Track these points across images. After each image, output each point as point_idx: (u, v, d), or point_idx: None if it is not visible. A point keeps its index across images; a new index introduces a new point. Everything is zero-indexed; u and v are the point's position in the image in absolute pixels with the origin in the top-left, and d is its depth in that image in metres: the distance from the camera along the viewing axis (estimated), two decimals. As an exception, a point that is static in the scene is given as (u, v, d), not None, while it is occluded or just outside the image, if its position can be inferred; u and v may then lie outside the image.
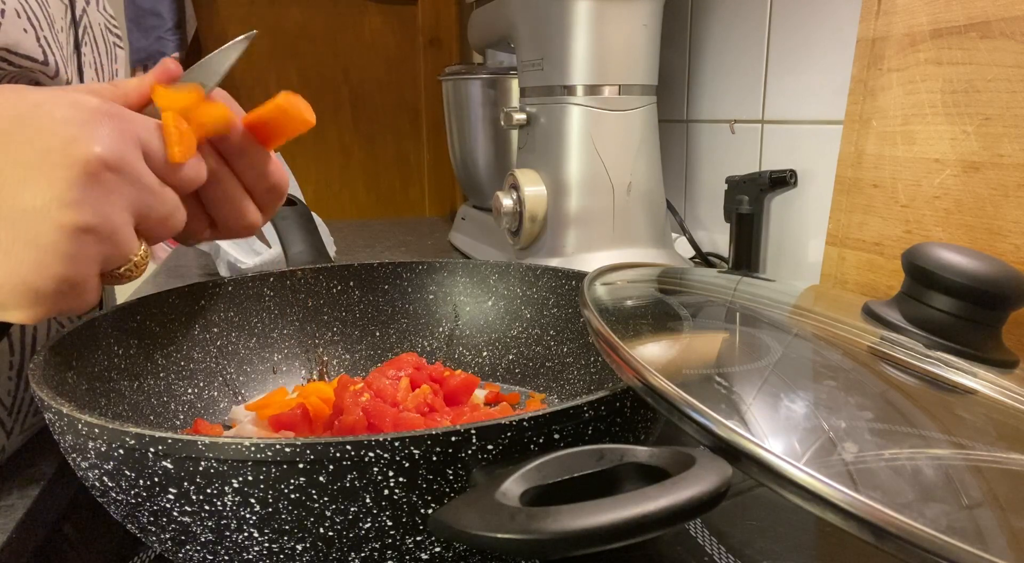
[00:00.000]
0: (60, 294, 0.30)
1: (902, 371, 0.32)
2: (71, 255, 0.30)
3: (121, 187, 0.31)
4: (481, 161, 1.06)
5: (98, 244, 0.31)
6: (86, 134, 0.30)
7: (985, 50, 0.45)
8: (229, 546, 0.28)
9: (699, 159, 0.91)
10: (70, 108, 0.30)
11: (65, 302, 0.31)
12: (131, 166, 0.31)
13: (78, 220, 0.29)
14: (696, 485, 0.23)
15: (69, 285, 0.30)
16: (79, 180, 0.29)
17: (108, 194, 0.30)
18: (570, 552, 0.21)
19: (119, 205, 0.31)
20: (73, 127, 0.30)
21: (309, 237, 0.61)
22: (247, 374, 0.52)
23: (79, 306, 0.32)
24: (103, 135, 0.30)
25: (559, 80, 0.74)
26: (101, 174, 0.30)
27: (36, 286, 0.30)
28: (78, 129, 0.30)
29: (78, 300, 0.31)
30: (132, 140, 0.32)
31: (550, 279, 0.55)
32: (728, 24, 0.83)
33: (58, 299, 0.31)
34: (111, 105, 0.32)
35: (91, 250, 0.30)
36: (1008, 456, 0.28)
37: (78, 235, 0.30)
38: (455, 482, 0.28)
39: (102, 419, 0.28)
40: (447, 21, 1.69)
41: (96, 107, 0.31)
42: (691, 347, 0.35)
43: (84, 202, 0.29)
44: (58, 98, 0.31)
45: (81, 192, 0.29)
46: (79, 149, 0.29)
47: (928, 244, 0.36)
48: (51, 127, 0.29)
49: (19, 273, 0.29)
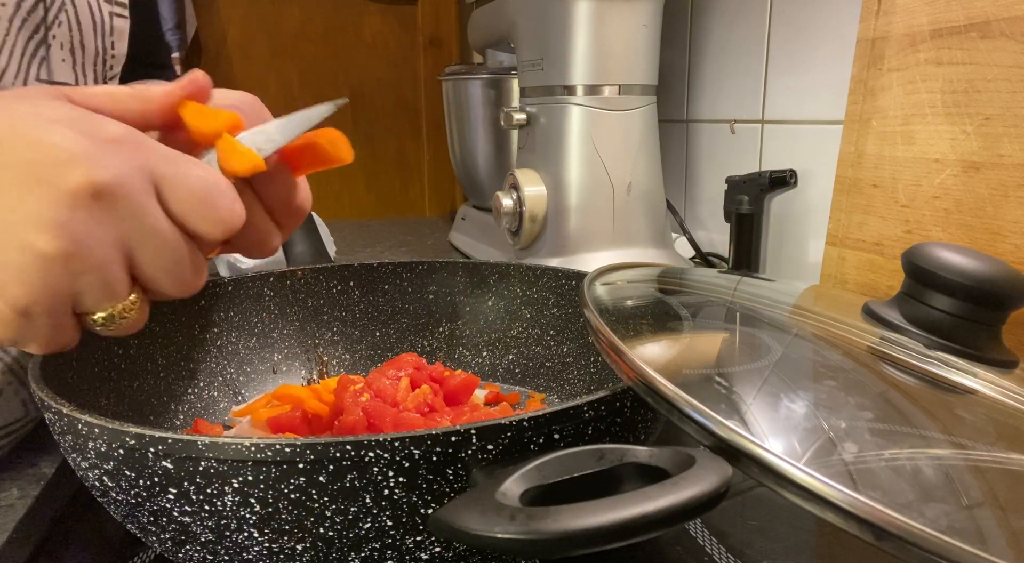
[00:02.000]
0: (16, 324, 0.27)
1: (902, 371, 0.32)
2: (35, 283, 0.26)
3: (115, 218, 0.27)
4: (481, 161, 1.06)
5: (70, 276, 0.27)
6: (87, 157, 0.27)
7: (985, 50, 0.45)
8: (229, 546, 0.28)
9: (699, 159, 0.91)
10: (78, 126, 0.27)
11: (24, 334, 0.28)
12: (132, 199, 0.28)
13: (51, 246, 0.26)
14: (696, 485, 0.23)
15: (28, 317, 0.27)
16: (64, 201, 0.26)
17: (95, 222, 0.27)
18: (570, 552, 0.21)
19: (105, 237, 0.27)
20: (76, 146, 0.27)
21: (309, 237, 0.61)
22: (247, 374, 0.52)
23: (43, 343, 0.28)
24: (108, 160, 0.27)
25: (559, 80, 0.74)
26: (93, 201, 0.27)
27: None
28: (80, 149, 0.27)
29: (40, 336, 0.28)
30: (144, 171, 0.28)
31: (550, 279, 0.55)
32: (728, 24, 0.83)
33: (14, 330, 0.27)
34: (131, 132, 0.29)
35: (60, 282, 0.27)
36: (1008, 456, 0.28)
37: (47, 262, 0.26)
38: (455, 482, 0.28)
39: (102, 419, 0.28)
40: (447, 21, 1.69)
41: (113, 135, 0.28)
42: (691, 347, 0.35)
43: (63, 226, 0.26)
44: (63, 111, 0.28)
45: (63, 214, 0.26)
46: (73, 170, 0.26)
47: (928, 244, 0.36)
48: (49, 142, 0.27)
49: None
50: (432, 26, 1.70)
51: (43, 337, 0.28)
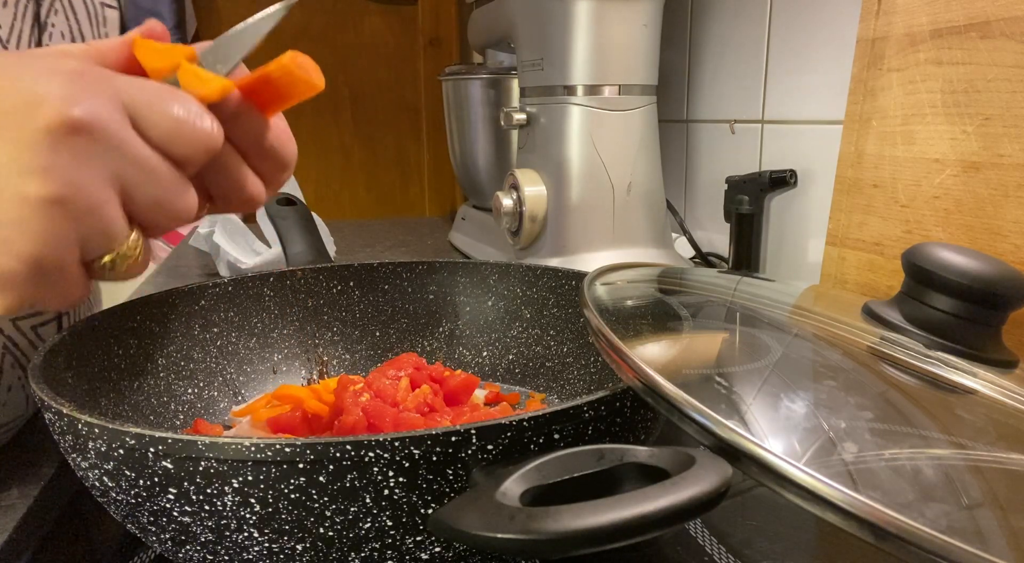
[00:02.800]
0: (33, 280, 0.26)
1: (902, 371, 0.32)
2: (39, 232, 0.26)
3: (99, 154, 0.26)
4: (481, 161, 1.06)
5: (72, 221, 0.26)
6: (55, 93, 0.26)
7: (985, 50, 0.45)
8: (229, 546, 0.28)
9: (699, 159, 0.91)
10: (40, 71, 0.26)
11: (41, 290, 0.27)
12: (111, 130, 0.27)
13: (44, 190, 0.25)
14: (696, 485, 0.23)
15: (41, 269, 0.26)
16: (43, 143, 0.25)
17: (81, 161, 0.26)
18: (570, 552, 0.21)
19: (97, 176, 0.26)
20: (40, 86, 0.26)
21: (309, 237, 0.61)
22: (247, 374, 0.52)
23: (60, 298, 0.28)
24: (79, 94, 0.26)
25: (559, 80, 0.74)
26: (70, 138, 0.26)
27: (3, 269, 0.26)
28: (45, 89, 0.26)
29: (57, 290, 0.27)
30: (114, 102, 0.27)
31: (550, 279, 0.55)
32: (728, 24, 0.83)
33: (32, 286, 0.27)
34: (90, 65, 0.28)
35: (64, 227, 0.26)
36: (1008, 456, 0.28)
37: (46, 208, 0.25)
38: (455, 482, 0.28)
39: (102, 419, 0.28)
40: (447, 21, 1.69)
41: (72, 68, 0.27)
42: (691, 347, 0.35)
43: (51, 169, 0.25)
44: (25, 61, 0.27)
45: (47, 157, 0.25)
46: (44, 109, 0.25)
47: (928, 244, 0.36)
48: (12, 86, 0.25)
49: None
50: (432, 26, 1.70)
51: (59, 291, 0.28)
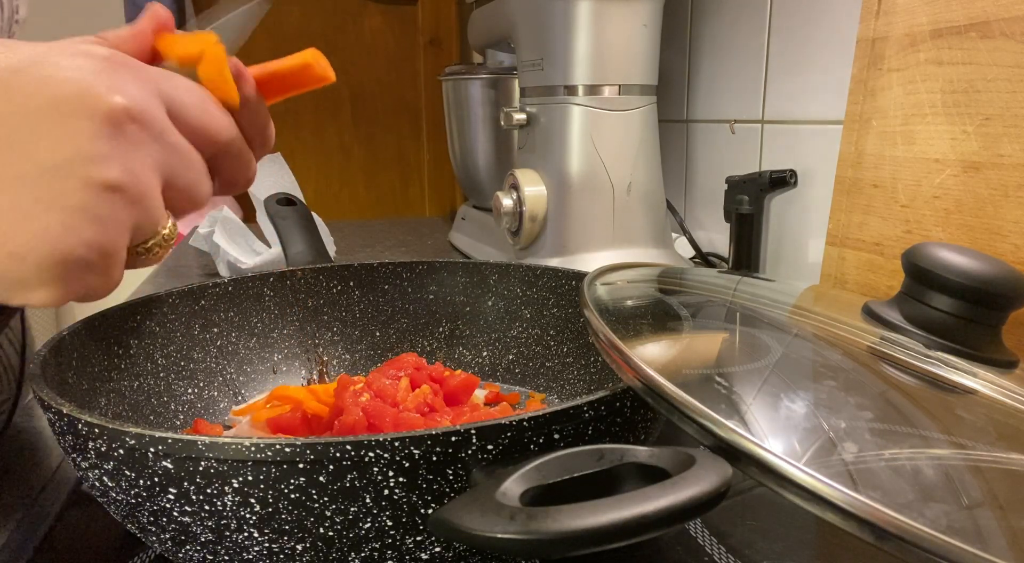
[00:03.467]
0: (90, 266, 0.27)
1: (902, 371, 0.32)
2: (102, 217, 0.26)
3: (148, 143, 0.27)
4: (481, 161, 1.06)
5: (128, 207, 0.27)
6: (103, 82, 0.26)
7: (985, 50, 0.45)
8: (229, 546, 0.28)
9: (699, 159, 0.91)
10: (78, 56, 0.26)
11: (92, 277, 0.27)
12: (156, 120, 0.27)
13: (107, 176, 0.26)
14: (696, 485, 0.23)
15: (100, 254, 0.27)
16: (103, 131, 0.26)
17: (135, 149, 0.27)
18: (570, 552, 0.21)
19: (147, 163, 0.27)
20: (87, 74, 0.26)
21: (309, 237, 0.61)
22: (247, 374, 0.52)
23: (105, 284, 0.28)
24: (123, 83, 0.26)
25: (559, 80, 0.74)
26: (126, 125, 0.26)
27: (65, 254, 0.26)
28: (93, 77, 0.26)
29: (105, 276, 0.28)
30: (153, 92, 0.28)
31: (550, 279, 0.55)
32: (728, 24, 0.83)
33: (86, 273, 0.27)
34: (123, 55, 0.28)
35: (122, 213, 0.27)
36: (1008, 456, 0.28)
37: (107, 194, 0.26)
38: (455, 482, 0.28)
39: (102, 419, 0.28)
40: (447, 21, 1.69)
41: (108, 56, 0.27)
42: (691, 347, 0.35)
43: (111, 157, 0.26)
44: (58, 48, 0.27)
45: (107, 145, 0.26)
46: (99, 97, 0.26)
47: (928, 244, 0.36)
48: (61, 75, 0.26)
49: (45, 240, 0.25)
50: (432, 26, 1.70)
51: (106, 279, 0.28)
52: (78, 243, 0.26)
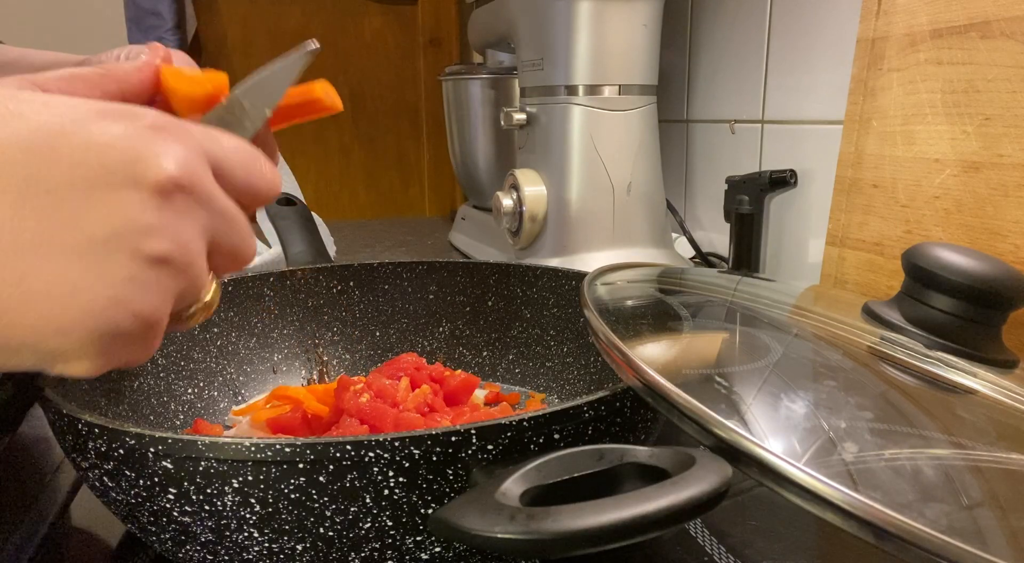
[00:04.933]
0: (134, 338, 0.26)
1: (902, 371, 0.32)
2: (149, 289, 0.25)
3: (195, 211, 0.27)
4: (481, 161, 1.06)
5: (175, 277, 0.26)
6: (151, 149, 0.25)
7: (985, 50, 0.45)
8: (229, 546, 0.28)
9: (699, 159, 0.91)
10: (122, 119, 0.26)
11: (135, 348, 0.26)
12: (205, 185, 0.27)
13: (156, 249, 0.25)
14: (696, 485, 0.23)
15: (145, 325, 0.26)
16: (152, 202, 0.25)
17: (182, 218, 0.26)
18: (570, 552, 0.21)
19: (195, 232, 0.27)
20: (135, 141, 0.25)
21: (309, 237, 0.61)
22: (247, 374, 0.52)
23: (144, 354, 0.27)
24: (170, 150, 0.26)
25: (559, 80, 0.74)
26: (175, 195, 0.26)
27: (111, 328, 0.25)
28: (141, 144, 0.25)
29: (146, 346, 0.27)
30: (201, 157, 0.27)
31: (550, 279, 0.55)
32: (728, 24, 0.83)
33: (129, 344, 0.26)
34: (166, 118, 0.27)
35: (169, 284, 0.26)
36: (1008, 456, 0.28)
37: (156, 266, 0.25)
38: (455, 482, 0.28)
39: (102, 419, 0.28)
40: (447, 21, 1.69)
41: (152, 122, 0.26)
42: (691, 347, 0.35)
43: (160, 228, 0.25)
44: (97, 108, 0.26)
45: (156, 216, 0.25)
46: (147, 167, 0.25)
47: (928, 244, 0.36)
48: (106, 140, 0.25)
49: (91, 314, 0.25)
50: (432, 26, 1.70)
51: (151, 348, 0.27)
52: (124, 316, 0.25)
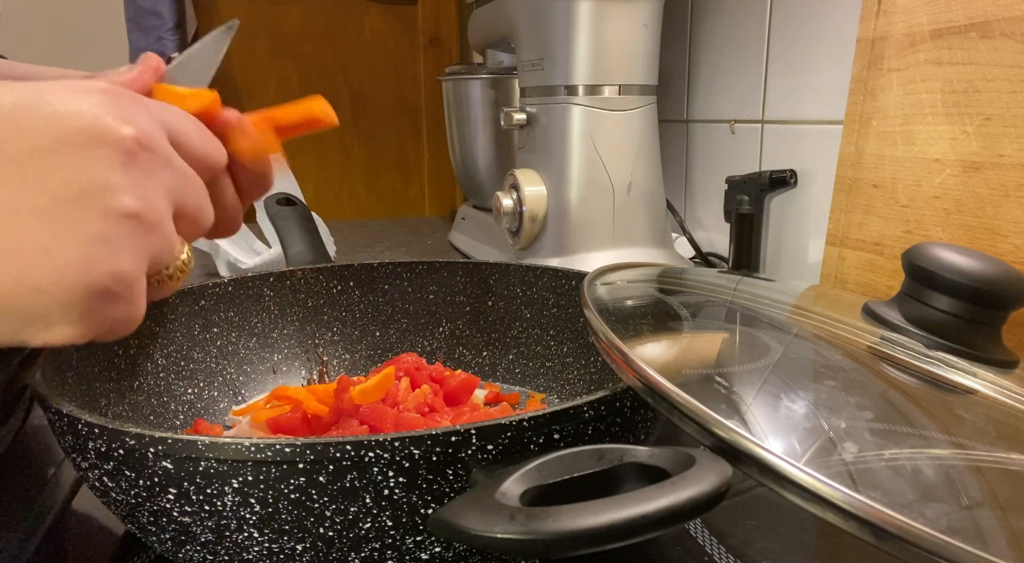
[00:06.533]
0: (113, 297, 0.26)
1: (902, 371, 0.32)
2: (122, 246, 0.26)
3: (159, 170, 0.27)
4: (481, 161, 1.06)
5: (146, 233, 0.27)
6: (112, 113, 0.26)
7: (985, 50, 0.45)
8: (229, 546, 0.28)
9: (699, 159, 0.91)
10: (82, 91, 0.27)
11: (116, 309, 0.27)
12: (163, 146, 0.28)
13: (124, 204, 0.26)
14: (696, 485, 0.23)
15: (123, 283, 0.26)
16: (117, 161, 0.26)
17: (147, 177, 0.27)
18: (570, 552, 0.21)
19: (159, 190, 0.27)
20: (95, 107, 0.26)
21: (309, 237, 0.61)
22: (247, 374, 0.52)
23: (128, 316, 0.27)
24: (130, 114, 0.27)
25: (559, 80, 0.74)
26: (138, 154, 0.26)
27: (88, 286, 0.25)
28: (101, 109, 0.26)
29: (128, 307, 0.27)
30: (157, 121, 0.28)
31: (550, 279, 0.55)
32: (728, 24, 0.83)
33: (110, 305, 0.26)
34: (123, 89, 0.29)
35: (140, 240, 0.27)
36: (1008, 456, 0.28)
37: (126, 222, 0.26)
38: (455, 482, 0.28)
39: (102, 419, 0.28)
40: (447, 21, 1.69)
41: (110, 89, 0.28)
42: (691, 347, 0.35)
43: (126, 185, 0.26)
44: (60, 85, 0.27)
45: (121, 174, 0.26)
46: (109, 128, 0.26)
47: (928, 244, 0.36)
48: (69, 109, 0.26)
49: (67, 273, 0.25)
50: (432, 26, 1.70)
51: (135, 310, 0.28)
52: (101, 273, 0.26)
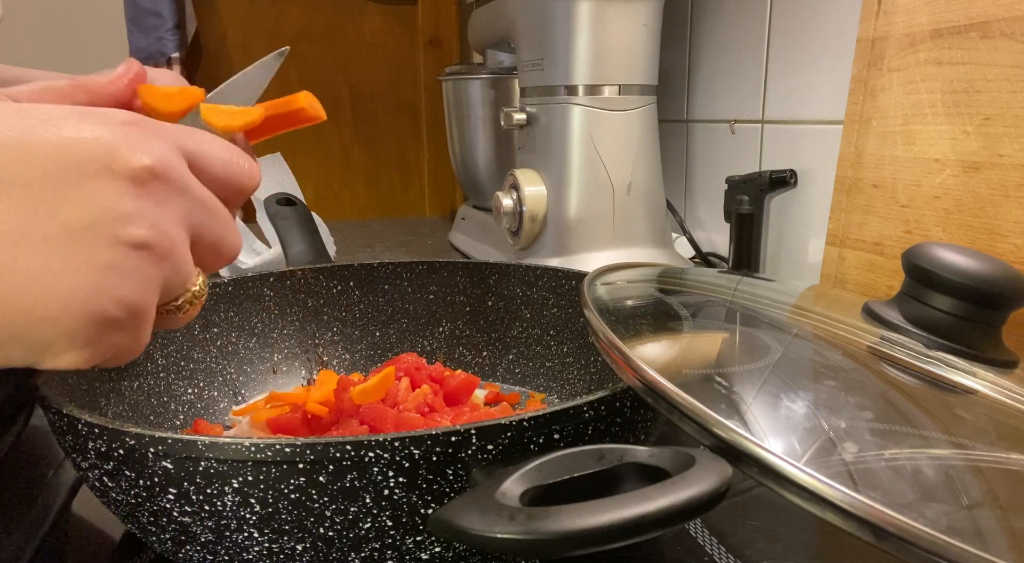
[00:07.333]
0: (119, 326, 0.26)
1: (902, 371, 0.32)
2: (131, 275, 0.26)
3: (172, 199, 0.27)
4: (481, 161, 1.06)
5: (157, 264, 0.27)
6: (125, 142, 0.26)
7: (985, 50, 0.45)
8: (229, 546, 0.28)
9: (699, 159, 0.91)
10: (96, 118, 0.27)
11: (121, 338, 0.27)
12: (179, 174, 0.28)
13: (134, 234, 0.26)
14: (696, 485, 0.23)
15: (131, 313, 0.26)
16: (128, 190, 0.26)
17: (160, 206, 0.27)
18: (570, 552, 0.21)
19: (174, 219, 0.27)
20: (107, 135, 0.26)
21: (309, 237, 0.61)
22: (247, 374, 0.52)
23: (133, 345, 0.27)
24: (143, 142, 0.27)
25: (559, 80, 0.74)
26: (150, 183, 0.26)
27: (96, 315, 0.25)
28: (114, 138, 0.26)
29: (134, 336, 0.27)
30: (174, 148, 0.28)
31: (550, 279, 0.55)
32: (728, 24, 0.83)
33: (116, 333, 0.26)
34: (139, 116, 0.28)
35: (151, 270, 0.27)
36: (1008, 456, 0.28)
37: (136, 251, 0.26)
38: (455, 482, 0.28)
39: (102, 419, 0.28)
40: (447, 21, 1.69)
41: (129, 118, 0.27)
42: (691, 347, 0.35)
43: (137, 215, 0.26)
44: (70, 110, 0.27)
45: (133, 204, 0.26)
46: (121, 157, 0.26)
47: (928, 244, 0.36)
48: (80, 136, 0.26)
49: (76, 301, 0.25)
50: (432, 26, 1.70)
51: (140, 340, 0.28)
52: (109, 302, 0.26)
